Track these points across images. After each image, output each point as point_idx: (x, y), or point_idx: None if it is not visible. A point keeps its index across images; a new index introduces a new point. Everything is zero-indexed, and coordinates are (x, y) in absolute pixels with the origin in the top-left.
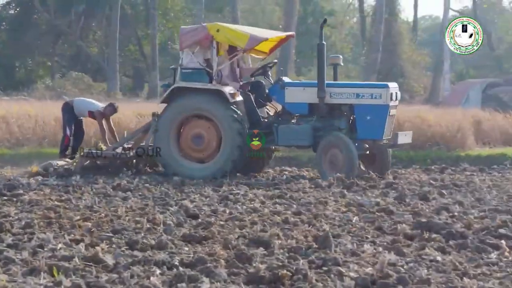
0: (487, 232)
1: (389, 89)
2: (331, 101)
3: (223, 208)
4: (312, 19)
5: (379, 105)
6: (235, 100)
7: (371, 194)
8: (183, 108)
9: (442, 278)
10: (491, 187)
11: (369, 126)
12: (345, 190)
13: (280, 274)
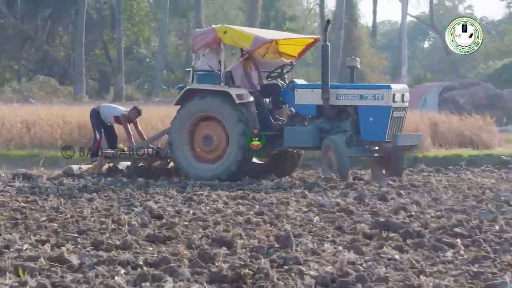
0: (443, 231)
1: (391, 90)
2: (337, 103)
3: (187, 208)
4: (274, 24)
5: (381, 107)
6: (242, 102)
7: (332, 194)
8: (194, 110)
9: (399, 276)
10: (447, 187)
11: (372, 128)
12: (306, 190)
13: (242, 273)
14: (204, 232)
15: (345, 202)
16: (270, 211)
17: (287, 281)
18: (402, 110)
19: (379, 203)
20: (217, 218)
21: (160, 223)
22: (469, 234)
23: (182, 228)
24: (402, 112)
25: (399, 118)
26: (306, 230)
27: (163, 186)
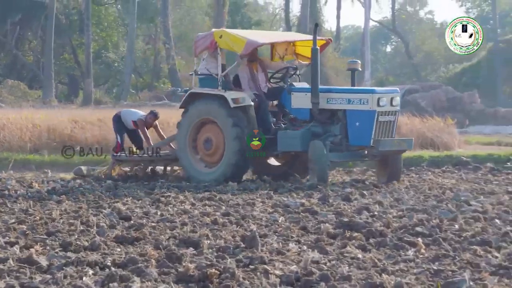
0: (405, 230)
1: (375, 94)
2: (327, 107)
3: (155, 210)
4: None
5: (365, 111)
6: (237, 106)
7: (297, 195)
8: (196, 114)
9: (362, 275)
10: (409, 187)
11: (358, 132)
12: (271, 192)
13: (208, 273)
14: (172, 233)
15: (309, 203)
16: (236, 212)
17: (253, 281)
18: (390, 114)
19: (343, 204)
20: (184, 219)
21: (128, 225)
22: (430, 233)
23: (150, 229)
24: (391, 117)
25: (387, 122)
26: (272, 230)
27: (131, 188)
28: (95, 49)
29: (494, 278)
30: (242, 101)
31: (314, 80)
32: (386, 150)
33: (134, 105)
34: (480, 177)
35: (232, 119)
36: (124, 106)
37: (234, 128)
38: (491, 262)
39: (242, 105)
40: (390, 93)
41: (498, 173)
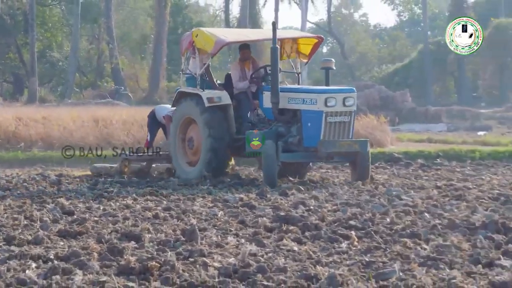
0: (339, 223)
1: (322, 94)
2: (289, 106)
3: (98, 205)
4: (181, 29)
5: (315, 111)
6: (212, 105)
7: (236, 190)
8: (181, 113)
9: (297, 266)
10: (343, 183)
11: (309, 133)
12: (212, 187)
13: (149, 265)
14: (114, 227)
15: (248, 198)
16: (177, 207)
17: (192, 273)
18: (342, 115)
19: (280, 198)
20: (126, 213)
21: (71, 219)
22: (363, 226)
23: (92, 224)
24: (345, 117)
25: (339, 123)
26: (211, 224)
27: (74, 183)
28: (39, 48)
29: (422, 269)
30: (217, 100)
31: (274, 80)
32: (330, 151)
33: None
34: (411, 172)
35: (205, 117)
36: (68, 105)
37: (206, 126)
38: (420, 254)
39: (218, 104)
40: (342, 93)
41: (428, 169)
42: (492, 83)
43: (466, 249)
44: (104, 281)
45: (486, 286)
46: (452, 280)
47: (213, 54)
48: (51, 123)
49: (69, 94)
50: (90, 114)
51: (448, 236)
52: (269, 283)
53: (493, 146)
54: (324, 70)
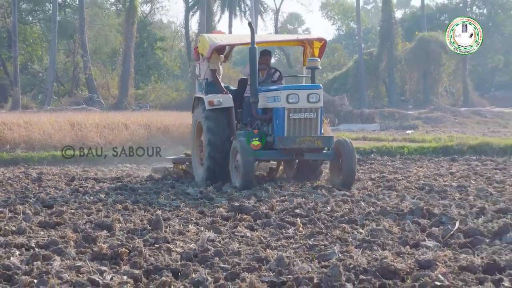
0: (286, 212)
1: (284, 91)
2: (268, 106)
3: (74, 199)
4: (147, 43)
5: (278, 108)
6: (213, 108)
7: (196, 184)
8: (195, 117)
9: (250, 250)
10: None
11: (277, 130)
12: (175, 182)
13: (119, 251)
14: (88, 218)
15: (206, 191)
16: (144, 200)
17: (157, 257)
18: (306, 111)
19: (234, 191)
20: (99, 206)
21: (51, 211)
22: (307, 214)
23: (69, 215)
24: (309, 114)
25: (304, 120)
26: (174, 214)
27: (54, 180)
28: (22, 61)
29: (358, 250)
30: (217, 103)
31: (253, 79)
32: (289, 148)
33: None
34: None
35: (206, 122)
36: (47, 111)
37: (206, 133)
38: (356, 237)
39: (218, 107)
40: (306, 89)
41: (363, 163)
42: (417, 88)
43: (396, 232)
44: (80, 266)
45: (413, 264)
46: (384, 259)
47: (208, 57)
48: (32, 127)
49: (48, 101)
50: (66, 118)
51: (381, 221)
52: (225, 265)
53: (419, 143)
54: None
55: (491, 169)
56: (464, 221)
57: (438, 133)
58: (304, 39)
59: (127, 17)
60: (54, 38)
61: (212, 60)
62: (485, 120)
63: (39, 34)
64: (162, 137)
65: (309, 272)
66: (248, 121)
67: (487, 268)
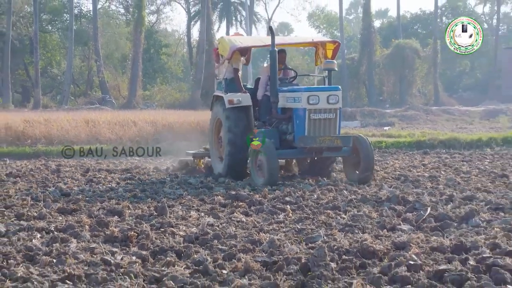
0: (277, 199)
1: (305, 92)
2: (287, 105)
3: (89, 187)
4: (153, 50)
5: (299, 109)
6: (232, 106)
7: (197, 175)
8: (214, 114)
9: (245, 233)
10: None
11: (297, 130)
12: (178, 172)
13: (129, 235)
14: (101, 205)
15: (206, 181)
16: (151, 189)
17: (163, 240)
18: (326, 112)
19: (231, 181)
20: (111, 194)
21: (68, 199)
22: (296, 201)
23: (84, 203)
24: (328, 114)
25: (323, 120)
26: (178, 202)
27: (71, 171)
28: (42, 66)
29: (341, 233)
30: (237, 102)
31: (273, 80)
32: (310, 147)
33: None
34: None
35: (225, 119)
36: (65, 110)
37: (226, 123)
38: (339, 222)
39: (237, 105)
40: (326, 91)
41: None
42: (394, 90)
43: (374, 218)
44: (94, 247)
45: (390, 245)
46: (364, 241)
47: (228, 58)
48: (52, 124)
49: (66, 101)
50: (82, 116)
51: (361, 208)
52: (223, 247)
53: (395, 138)
54: (326, 71)
55: (459, 161)
56: (435, 207)
57: (412, 129)
58: (318, 41)
59: (135, 26)
60: (70, 45)
61: (233, 60)
62: (453, 118)
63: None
64: (167, 133)
65: (297, 253)
66: (266, 119)
67: (455, 249)
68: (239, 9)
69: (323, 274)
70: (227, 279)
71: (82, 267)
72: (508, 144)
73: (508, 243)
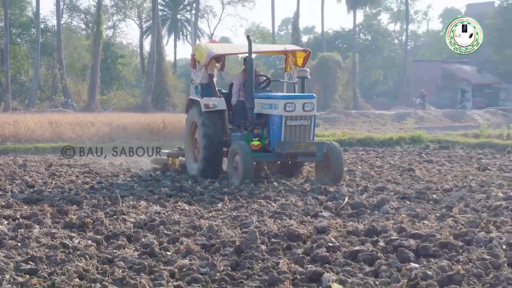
0: (217, 190)
1: (282, 100)
2: (262, 111)
3: (51, 180)
4: (110, 60)
5: (277, 115)
6: (208, 110)
7: (146, 169)
8: (190, 117)
9: (188, 220)
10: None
11: (274, 135)
12: (130, 167)
13: (86, 221)
14: (62, 195)
15: (155, 174)
16: (106, 181)
17: (115, 225)
18: (302, 119)
19: (177, 174)
20: (71, 186)
21: (33, 190)
22: (232, 192)
23: (47, 193)
24: (304, 121)
25: (299, 126)
26: (129, 192)
27: (36, 166)
28: (12, 74)
29: (271, 220)
30: (212, 106)
31: (249, 87)
32: (287, 152)
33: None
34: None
35: (201, 120)
36: (32, 112)
37: (202, 127)
38: (270, 210)
39: (213, 109)
40: (302, 99)
41: None
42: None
43: (300, 206)
44: (54, 233)
45: (312, 229)
46: (290, 226)
47: (205, 64)
48: (20, 124)
49: (33, 104)
50: (46, 118)
51: (289, 197)
52: (168, 232)
53: (319, 137)
54: (300, 79)
55: (373, 157)
56: (352, 196)
57: (334, 130)
58: (290, 50)
59: (94, 39)
60: (37, 56)
61: (210, 66)
62: (369, 120)
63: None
64: (121, 132)
65: (232, 237)
66: (241, 123)
67: (368, 232)
68: (185, 25)
69: (254, 255)
70: (170, 259)
71: (44, 250)
72: (414, 142)
73: (413, 227)
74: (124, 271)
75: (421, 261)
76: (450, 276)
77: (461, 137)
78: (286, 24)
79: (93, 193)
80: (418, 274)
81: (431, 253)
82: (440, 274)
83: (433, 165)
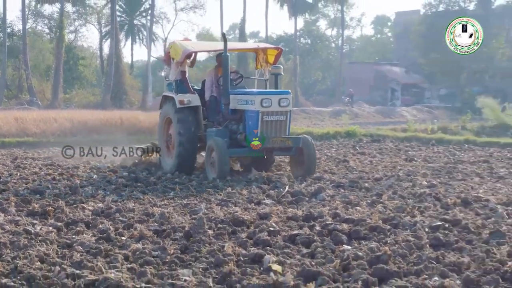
0: (169, 181)
1: (258, 96)
2: (238, 107)
3: (16, 172)
4: (72, 62)
5: (253, 111)
6: (183, 106)
7: (104, 160)
8: (164, 113)
9: (142, 208)
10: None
11: (250, 130)
12: (89, 160)
13: (47, 210)
14: (26, 186)
15: (112, 166)
16: (67, 172)
17: (75, 213)
18: (278, 114)
19: (132, 167)
20: (34, 177)
21: None
22: (183, 182)
23: (12, 184)
24: (280, 116)
25: (275, 122)
26: (88, 183)
27: (2, 159)
28: None
29: (218, 207)
30: (187, 102)
31: (225, 83)
32: (264, 147)
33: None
34: None
35: (177, 117)
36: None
37: (178, 124)
38: (217, 198)
39: (187, 106)
40: (277, 95)
41: None
42: None
43: (245, 194)
44: (18, 220)
45: (256, 216)
46: (235, 213)
47: (181, 62)
48: None
49: (0, 102)
50: (12, 115)
51: (234, 187)
52: (123, 219)
53: None
54: (273, 75)
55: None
56: (292, 185)
57: None
58: (263, 48)
59: (57, 43)
60: (4, 58)
61: (183, 64)
62: (309, 116)
63: None
64: (82, 127)
65: (182, 223)
66: (215, 119)
67: (305, 218)
68: (141, 30)
69: (202, 239)
70: (125, 244)
71: (8, 236)
72: (349, 136)
73: (346, 212)
74: (82, 255)
75: (353, 243)
76: (379, 257)
77: (391, 131)
78: (233, 29)
79: (55, 183)
80: (350, 255)
81: (362, 236)
82: (370, 254)
83: (365, 157)
